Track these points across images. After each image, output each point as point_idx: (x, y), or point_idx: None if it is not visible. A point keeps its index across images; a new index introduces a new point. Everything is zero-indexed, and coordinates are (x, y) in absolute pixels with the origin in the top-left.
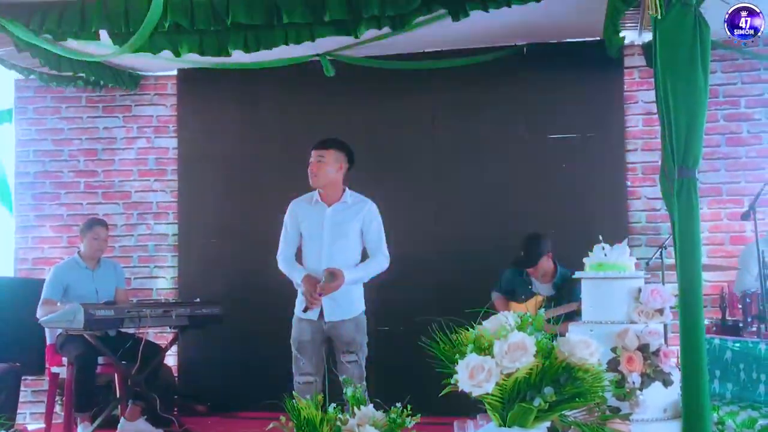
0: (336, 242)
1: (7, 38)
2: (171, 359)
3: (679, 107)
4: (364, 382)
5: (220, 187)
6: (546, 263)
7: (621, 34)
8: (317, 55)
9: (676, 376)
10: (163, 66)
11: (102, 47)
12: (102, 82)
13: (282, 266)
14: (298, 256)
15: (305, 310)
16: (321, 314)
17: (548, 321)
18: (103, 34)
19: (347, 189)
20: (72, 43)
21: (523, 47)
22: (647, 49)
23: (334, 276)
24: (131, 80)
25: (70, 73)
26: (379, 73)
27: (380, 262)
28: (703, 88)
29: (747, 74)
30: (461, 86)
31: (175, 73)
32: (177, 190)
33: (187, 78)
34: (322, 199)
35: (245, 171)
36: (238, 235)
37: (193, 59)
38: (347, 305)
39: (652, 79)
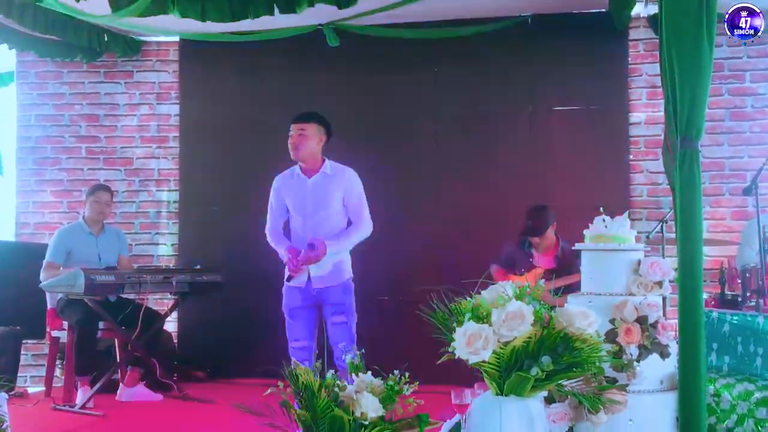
0: (318, 213)
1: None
2: (171, 325)
3: (684, 78)
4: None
5: (222, 154)
6: (551, 234)
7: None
8: (320, 25)
9: (674, 348)
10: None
11: (99, 8)
12: (99, 49)
13: (270, 240)
14: (286, 230)
15: (288, 279)
16: (309, 280)
17: (554, 294)
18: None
19: (327, 160)
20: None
21: (527, 18)
22: (653, 21)
23: (313, 246)
24: (133, 45)
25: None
26: (382, 44)
27: (362, 229)
28: (708, 60)
29: (753, 48)
30: (464, 56)
31: (177, 39)
32: (178, 157)
33: (189, 45)
34: (302, 172)
35: (247, 139)
36: (239, 202)
37: (194, 30)
38: (332, 273)
39: (657, 52)
